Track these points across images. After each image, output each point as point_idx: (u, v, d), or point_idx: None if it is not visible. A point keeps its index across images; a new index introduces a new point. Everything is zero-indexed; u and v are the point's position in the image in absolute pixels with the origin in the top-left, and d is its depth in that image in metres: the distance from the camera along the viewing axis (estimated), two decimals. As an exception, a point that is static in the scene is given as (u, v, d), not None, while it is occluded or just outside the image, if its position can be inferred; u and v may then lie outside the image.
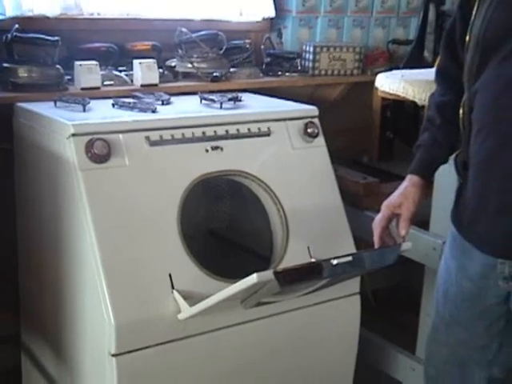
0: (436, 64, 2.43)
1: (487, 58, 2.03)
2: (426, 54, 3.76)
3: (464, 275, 2.21)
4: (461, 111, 2.15)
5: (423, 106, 2.92)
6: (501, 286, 2.14)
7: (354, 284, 2.80)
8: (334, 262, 2.13)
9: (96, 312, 2.34)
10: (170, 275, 2.37)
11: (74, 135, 2.39)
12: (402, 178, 2.31)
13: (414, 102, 2.99)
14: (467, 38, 2.10)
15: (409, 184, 2.25)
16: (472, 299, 2.21)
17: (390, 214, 2.22)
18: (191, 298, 2.34)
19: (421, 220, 2.79)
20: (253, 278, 2.05)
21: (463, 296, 2.23)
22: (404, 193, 2.23)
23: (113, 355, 2.31)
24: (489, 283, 2.16)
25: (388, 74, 3.23)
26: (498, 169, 2.04)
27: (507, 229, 2.05)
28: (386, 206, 2.24)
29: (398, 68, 3.58)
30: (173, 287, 2.37)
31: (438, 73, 2.36)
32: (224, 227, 3.12)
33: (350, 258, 2.16)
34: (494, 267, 2.13)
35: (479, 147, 2.08)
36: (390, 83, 3.06)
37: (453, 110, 2.19)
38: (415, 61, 3.72)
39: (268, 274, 2.05)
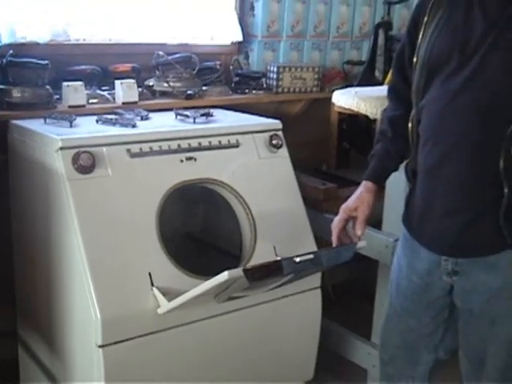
0: (388, 82, 2.44)
1: (432, 76, 2.04)
2: (377, 73, 3.76)
3: (413, 271, 2.22)
4: (410, 124, 2.16)
5: (375, 120, 2.93)
6: (445, 280, 2.14)
7: (315, 279, 2.80)
8: (297, 259, 2.13)
9: (84, 308, 2.32)
10: (149, 274, 2.35)
11: (61, 148, 2.38)
12: (358, 184, 2.31)
13: (366, 116, 2.99)
14: (415, 59, 2.11)
15: (364, 189, 2.25)
16: (420, 292, 2.22)
17: (347, 217, 2.22)
18: (169, 294, 2.33)
19: (375, 221, 2.80)
20: (224, 275, 2.05)
21: (412, 289, 2.24)
22: (359, 197, 2.23)
23: (99, 346, 2.29)
24: (434, 278, 2.17)
25: (343, 91, 3.23)
26: (442, 176, 2.04)
27: (450, 230, 2.06)
28: (344, 209, 2.23)
29: (352, 86, 3.58)
30: (152, 284, 2.35)
31: (389, 90, 2.36)
32: (199, 230, 3.11)
33: (311, 256, 2.16)
34: (439, 264, 2.13)
35: (426, 156, 2.09)
36: (345, 99, 3.06)
37: (403, 124, 2.20)
38: (367, 79, 3.72)
39: (238, 272, 2.05)
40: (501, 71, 1.91)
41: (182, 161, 2.58)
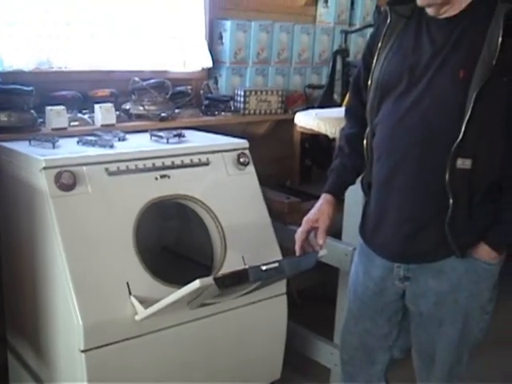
0: (345, 104, 2.44)
1: (385, 97, 2.06)
2: (335, 96, 3.79)
3: (369, 278, 2.23)
4: (365, 141, 2.17)
5: (334, 139, 2.94)
6: (397, 285, 2.16)
7: (281, 286, 2.80)
8: (263, 267, 2.13)
9: (67, 315, 2.31)
10: (127, 283, 2.35)
11: (45, 168, 2.37)
12: (319, 197, 2.31)
13: (326, 136, 3.00)
14: (369, 82, 2.13)
15: (323, 202, 2.24)
16: (375, 297, 2.23)
17: (309, 228, 2.22)
18: (146, 302, 2.33)
19: (335, 231, 2.81)
20: (196, 283, 2.05)
21: (368, 294, 2.25)
22: (320, 209, 2.23)
23: (82, 351, 2.28)
24: (388, 284, 2.18)
25: (305, 112, 3.24)
26: (393, 187, 2.06)
27: (401, 238, 2.07)
28: (306, 221, 2.23)
29: (313, 108, 3.58)
30: (130, 293, 2.34)
31: (346, 111, 2.37)
32: (173, 242, 3.09)
33: (276, 264, 2.16)
34: (391, 270, 2.15)
35: (379, 170, 2.10)
36: (307, 120, 3.07)
37: (358, 141, 2.21)
38: (327, 102, 3.74)
39: (209, 280, 2.05)
40: (446, 92, 1.94)
41: (156, 178, 2.58)
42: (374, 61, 2.11)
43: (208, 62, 3.52)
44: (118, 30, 3.21)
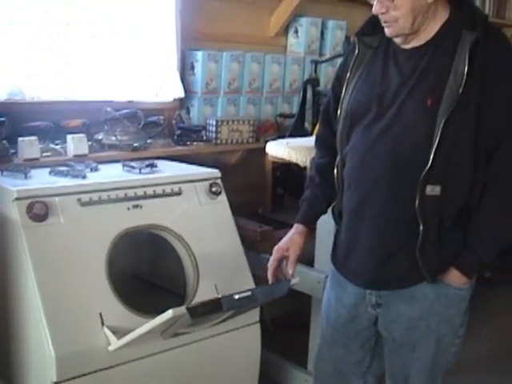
0: (315, 133, 2.47)
1: (354, 126, 2.10)
2: (306, 125, 3.81)
3: (341, 304, 2.24)
4: (335, 170, 2.19)
5: (305, 167, 2.97)
6: (370, 312, 2.18)
7: (254, 314, 2.80)
8: (236, 296, 2.14)
9: (39, 346, 2.30)
10: (100, 314, 2.34)
11: (17, 199, 2.37)
12: (292, 226, 2.33)
13: (297, 164, 3.03)
14: (339, 111, 2.15)
15: (295, 232, 2.27)
16: (348, 324, 2.24)
17: (280, 256, 2.24)
18: (119, 332, 2.32)
19: (308, 259, 2.83)
20: (169, 313, 2.06)
21: (341, 321, 2.26)
22: (291, 239, 2.25)
23: (54, 383, 2.26)
24: (360, 310, 2.19)
25: (275, 142, 3.27)
26: (364, 215, 2.08)
27: (372, 265, 2.09)
28: (277, 249, 2.25)
29: (284, 137, 3.62)
30: (103, 324, 2.33)
31: (317, 140, 2.40)
32: (146, 272, 3.08)
33: (248, 293, 2.17)
34: (363, 297, 2.17)
35: (349, 198, 2.13)
36: (278, 150, 3.10)
37: (329, 170, 2.23)
38: (298, 130, 3.77)
39: (181, 309, 2.06)
40: (414, 120, 1.97)
41: (128, 208, 2.59)
42: (343, 91, 2.15)
43: (180, 92, 3.53)
44: (90, 60, 3.22)
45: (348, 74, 2.15)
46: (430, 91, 1.95)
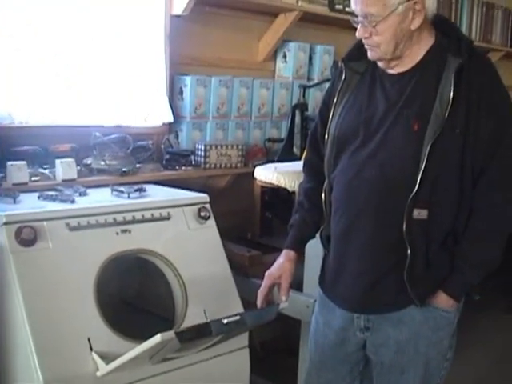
0: (303, 157, 2.49)
1: (342, 151, 2.12)
2: (295, 149, 3.83)
3: (329, 328, 2.26)
4: (323, 195, 2.21)
5: (294, 192, 2.98)
6: (358, 336, 2.19)
7: (243, 339, 2.79)
8: (225, 321, 2.15)
9: (27, 371, 2.29)
10: (88, 339, 2.33)
11: (5, 223, 2.37)
12: (281, 250, 2.35)
13: (286, 189, 3.04)
14: (326, 136, 2.18)
15: (285, 259, 2.28)
16: (336, 348, 2.25)
17: (272, 283, 2.25)
18: (107, 358, 2.31)
19: (297, 283, 2.83)
20: (157, 338, 2.06)
21: (329, 345, 2.27)
22: (282, 266, 2.26)
23: (42, 408, 2.25)
24: (349, 334, 2.21)
25: (264, 166, 3.29)
26: (352, 240, 2.10)
27: (360, 289, 2.11)
28: (268, 276, 2.26)
29: (273, 161, 3.63)
30: (91, 349, 2.33)
31: (304, 165, 2.42)
32: (135, 296, 3.08)
33: (237, 317, 2.18)
34: (352, 321, 2.18)
35: (337, 223, 2.15)
36: (266, 174, 3.12)
37: (317, 195, 2.25)
38: (286, 155, 3.79)
39: (170, 334, 2.06)
40: (401, 144, 2.00)
41: (117, 233, 2.59)
42: (330, 115, 2.18)
43: (169, 117, 3.55)
44: (79, 85, 3.24)
45: (335, 99, 2.18)
46: (417, 116, 1.98)
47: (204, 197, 2.97)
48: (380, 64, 2.10)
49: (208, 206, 2.94)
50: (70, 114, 3.21)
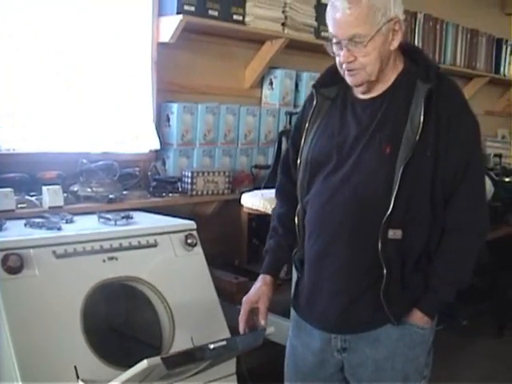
0: (276, 183, 2.51)
1: (315, 175, 2.17)
2: (282, 176, 3.86)
3: (308, 350, 2.28)
4: (296, 219, 2.25)
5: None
6: (336, 357, 2.21)
7: (230, 366, 2.80)
8: (211, 346, 2.17)
9: (12, 401, 2.27)
10: (75, 367, 2.34)
11: (-9, 252, 2.37)
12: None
13: (272, 215, 3.06)
14: (298, 161, 2.23)
15: (262, 283, 2.30)
16: (316, 369, 2.27)
17: (250, 308, 2.27)
18: (94, 386, 2.31)
19: (284, 309, 2.84)
20: (144, 364, 2.06)
21: (309, 367, 2.29)
22: (259, 290, 2.28)
23: None
24: (327, 355, 2.23)
25: (251, 193, 3.31)
26: (327, 262, 2.14)
27: (336, 309, 2.14)
28: (246, 301, 2.28)
29: (259, 188, 3.67)
30: (78, 377, 2.33)
31: (277, 190, 2.46)
32: (121, 323, 3.09)
33: (224, 343, 2.20)
34: (329, 341, 2.20)
35: (312, 246, 2.18)
36: (253, 201, 3.15)
37: (290, 220, 2.29)
38: (273, 181, 3.69)
39: (156, 360, 2.06)
40: (373, 168, 2.06)
41: (104, 260, 2.60)
42: (302, 141, 2.22)
43: (156, 144, 3.58)
44: (66, 112, 3.26)
45: (307, 125, 2.23)
46: (388, 140, 2.05)
47: (191, 224, 2.99)
48: (359, 89, 2.14)
49: (195, 232, 2.95)
50: (56, 140, 3.23)
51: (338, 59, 2.10)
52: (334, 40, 2.07)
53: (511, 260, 5.26)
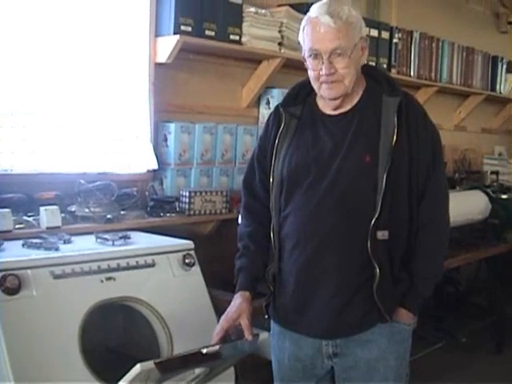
0: (241, 203, 2.56)
1: (293, 189, 2.24)
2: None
3: (297, 360, 2.32)
4: (272, 234, 2.31)
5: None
6: (326, 363, 2.28)
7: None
8: (204, 350, 2.15)
9: (10, 422, 2.27)
10: (72, 388, 2.33)
11: (-11, 272, 2.37)
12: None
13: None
14: (271, 179, 2.30)
15: (242, 299, 2.32)
16: (306, 378, 2.33)
17: (229, 327, 2.27)
18: (92, 407, 2.31)
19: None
20: (137, 368, 2.05)
21: (299, 376, 2.33)
22: (240, 307, 2.29)
23: None
24: (317, 363, 2.29)
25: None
26: (317, 270, 2.20)
27: (328, 315, 2.20)
28: (226, 319, 2.28)
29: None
30: (76, 398, 2.33)
31: (243, 208, 2.50)
32: (119, 344, 3.08)
33: (217, 348, 2.19)
34: (320, 348, 2.26)
35: (297, 257, 2.23)
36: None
37: (260, 236, 2.37)
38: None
39: (149, 364, 2.05)
40: (356, 176, 2.17)
41: (102, 281, 2.60)
42: (273, 159, 2.30)
43: (153, 164, 3.59)
44: (64, 132, 3.28)
45: (276, 142, 2.30)
46: (366, 149, 2.17)
47: (189, 243, 2.99)
48: (335, 102, 2.24)
49: (193, 252, 2.96)
50: (54, 161, 3.24)
51: (314, 73, 2.21)
52: (313, 55, 2.19)
53: (509, 277, 5.27)
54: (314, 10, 2.19)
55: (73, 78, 3.30)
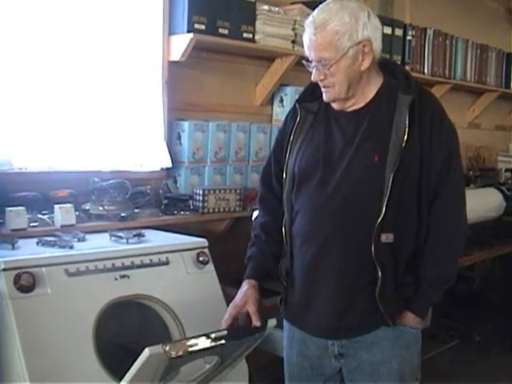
0: (258, 195, 2.56)
1: (302, 186, 2.24)
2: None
3: (304, 358, 2.33)
4: (283, 229, 2.31)
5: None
6: (333, 363, 2.27)
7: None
8: (213, 335, 2.16)
9: (24, 420, 2.27)
10: (87, 387, 2.34)
11: (4, 270, 2.38)
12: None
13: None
14: (284, 174, 2.30)
15: (248, 286, 2.33)
16: (313, 377, 2.32)
17: (236, 313, 2.27)
18: (106, 404, 2.31)
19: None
20: (146, 352, 2.05)
21: (306, 374, 2.34)
22: (246, 294, 2.30)
23: None
24: (325, 361, 2.29)
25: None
26: (322, 268, 2.19)
27: (332, 315, 2.20)
28: (233, 306, 2.29)
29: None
30: (90, 396, 2.33)
31: (259, 202, 2.51)
32: (133, 341, 3.07)
33: (225, 332, 2.19)
34: (326, 348, 2.26)
35: (304, 254, 2.23)
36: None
37: (273, 228, 2.37)
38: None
39: (158, 348, 2.05)
40: (363, 176, 2.14)
41: (116, 279, 2.61)
42: (287, 154, 2.30)
43: (167, 162, 3.59)
44: (78, 131, 3.29)
45: (291, 138, 2.30)
46: (375, 149, 2.14)
47: (202, 241, 2.99)
48: (335, 105, 2.25)
49: (207, 250, 2.96)
50: (68, 159, 3.25)
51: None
52: (308, 59, 2.22)
53: (525, 275, 5.25)
54: (312, 14, 2.23)
55: (87, 76, 3.30)
